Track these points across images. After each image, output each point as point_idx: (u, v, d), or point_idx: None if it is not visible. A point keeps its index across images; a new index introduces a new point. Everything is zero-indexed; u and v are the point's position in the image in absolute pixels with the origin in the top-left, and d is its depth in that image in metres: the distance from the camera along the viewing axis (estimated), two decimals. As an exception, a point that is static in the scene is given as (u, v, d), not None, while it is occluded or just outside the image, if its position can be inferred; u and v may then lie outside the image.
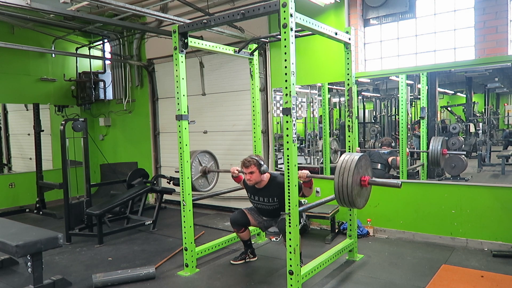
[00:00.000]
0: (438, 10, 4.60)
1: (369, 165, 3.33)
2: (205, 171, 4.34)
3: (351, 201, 3.11)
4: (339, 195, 3.12)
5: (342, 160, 3.17)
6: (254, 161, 3.63)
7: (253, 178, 3.66)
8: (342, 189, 3.09)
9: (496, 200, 4.16)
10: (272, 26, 5.52)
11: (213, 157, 4.49)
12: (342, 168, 3.11)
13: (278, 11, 2.87)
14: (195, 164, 4.21)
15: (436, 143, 4.49)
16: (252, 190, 3.85)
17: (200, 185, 4.35)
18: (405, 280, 3.53)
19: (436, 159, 4.49)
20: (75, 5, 4.20)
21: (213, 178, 4.52)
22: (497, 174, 4.44)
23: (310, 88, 5.44)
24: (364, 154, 3.27)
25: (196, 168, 4.26)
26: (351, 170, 3.06)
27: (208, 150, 4.46)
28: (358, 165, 3.11)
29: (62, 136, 4.94)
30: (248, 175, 3.66)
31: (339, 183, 3.10)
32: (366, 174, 3.24)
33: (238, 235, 4.06)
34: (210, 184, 4.49)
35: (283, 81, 2.91)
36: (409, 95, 4.79)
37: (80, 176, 5.34)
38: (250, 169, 3.64)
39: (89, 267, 4.04)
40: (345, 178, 3.07)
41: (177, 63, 3.62)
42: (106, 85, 7.76)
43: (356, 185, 3.10)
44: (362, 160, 3.18)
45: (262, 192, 3.77)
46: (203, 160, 4.35)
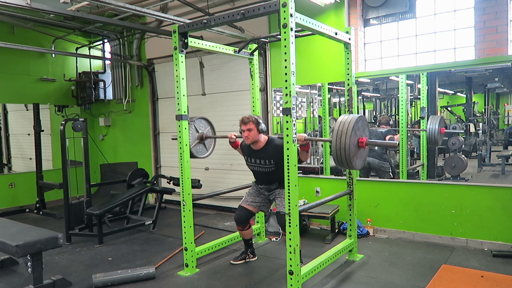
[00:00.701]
0: (438, 10, 4.60)
1: (366, 126, 3.33)
2: (202, 137, 4.28)
3: (348, 162, 3.13)
4: (337, 156, 3.13)
5: (340, 121, 3.17)
6: (253, 118, 3.58)
7: (250, 135, 3.58)
8: (340, 151, 3.09)
9: (496, 200, 4.16)
10: (272, 26, 5.52)
11: (209, 123, 4.43)
12: (340, 130, 3.11)
13: (278, 11, 2.87)
14: (191, 131, 4.16)
15: (434, 121, 4.48)
16: (249, 152, 3.76)
17: (198, 152, 4.29)
18: (405, 280, 3.53)
19: (434, 137, 4.47)
20: (75, 5, 4.20)
21: (211, 144, 4.46)
22: (497, 174, 4.44)
23: (310, 88, 5.44)
24: (361, 116, 3.27)
25: (193, 135, 4.21)
26: (348, 132, 3.07)
27: (204, 117, 4.41)
28: (355, 127, 3.12)
29: (62, 136, 4.94)
30: (246, 132, 3.57)
31: (336, 144, 3.10)
32: (364, 135, 3.25)
33: (242, 233, 4.03)
34: (208, 150, 4.42)
35: (283, 81, 2.91)
36: (409, 95, 4.80)
37: (80, 176, 5.34)
38: (248, 125, 3.56)
39: (89, 267, 4.04)
40: (342, 139, 3.08)
41: (177, 63, 3.62)
42: (106, 85, 7.76)
43: (353, 147, 3.11)
44: (359, 122, 3.19)
45: (258, 154, 3.69)
46: (199, 126, 4.29)
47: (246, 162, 3.88)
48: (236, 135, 3.95)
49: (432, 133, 4.48)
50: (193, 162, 4.46)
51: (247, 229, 3.99)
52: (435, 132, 4.45)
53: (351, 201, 4.01)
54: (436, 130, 4.44)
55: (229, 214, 6.13)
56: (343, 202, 4.30)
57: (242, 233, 4.03)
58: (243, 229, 3.98)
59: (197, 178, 5.48)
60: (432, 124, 4.48)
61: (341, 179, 4.99)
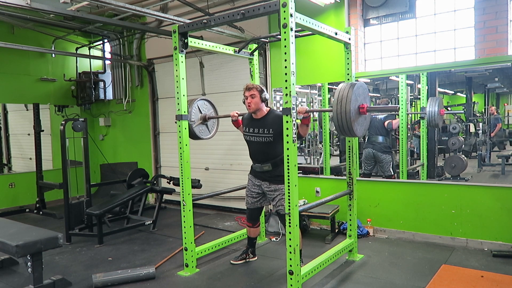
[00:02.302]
0: (438, 10, 4.60)
1: (367, 94, 3.33)
2: (205, 118, 4.28)
3: (350, 128, 3.13)
4: (338, 123, 3.13)
5: (340, 88, 3.16)
6: (257, 85, 3.60)
7: (253, 102, 3.56)
8: (340, 117, 3.09)
9: (496, 200, 4.16)
10: (272, 26, 5.52)
11: (212, 105, 4.44)
12: (340, 96, 3.10)
13: (278, 11, 2.87)
14: (194, 111, 4.16)
15: (434, 103, 4.46)
16: (249, 122, 3.72)
17: (201, 132, 4.29)
18: (405, 280, 3.53)
19: (434, 119, 4.46)
20: (75, 5, 4.20)
21: (213, 126, 4.47)
22: (497, 174, 4.45)
23: (310, 88, 5.44)
24: (361, 82, 3.27)
25: (196, 115, 4.20)
26: (349, 97, 3.06)
27: (207, 98, 4.42)
28: (356, 92, 3.11)
29: (62, 136, 4.94)
30: (249, 98, 3.57)
31: (337, 110, 3.09)
32: (364, 102, 3.24)
33: (249, 231, 4.03)
34: (211, 132, 4.43)
35: (283, 81, 2.91)
36: (409, 95, 4.80)
37: (80, 176, 5.34)
38: (251, 91, 3.56)
39: (89, 267, 4.04)
40: (343, 105, 3.07)
41: (177, 63, 3.62)
42: (106, 85, 7.75)
43: (354, 112, 3.11)
44: (359, 88, 3.18)
45: (258, 122, 3.65)
46: (202, 108, 4.30)
47: (244, 135, 3.80)
48: (238, 113, 3.96)
49: (431, 115, 4.46)
50: (193, 162, 4.48)
51: (257, 226, 4.02)
52: (434, 114, 4.44)
53: (351, 201, 4.01)
54: (436, 112, 4.43)
55: (229, 214, 6.13)
56: (343, 202, 4.30)
57: (250, 230, 4.04)
58: (253, 225, 3.99)
59: (197, 178, 5.48)
60: (431, 106, 4.47)
61: (341, 179, 4.99)
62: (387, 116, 4.93)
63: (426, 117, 4.53)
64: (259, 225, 4.05)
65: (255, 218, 3.98)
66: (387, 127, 4.91)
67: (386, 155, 4.95)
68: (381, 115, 4.98)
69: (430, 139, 4.70)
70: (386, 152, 4.95)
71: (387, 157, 4.94)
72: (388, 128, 4.92)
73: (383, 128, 4.95)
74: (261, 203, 3.90)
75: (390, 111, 4.09)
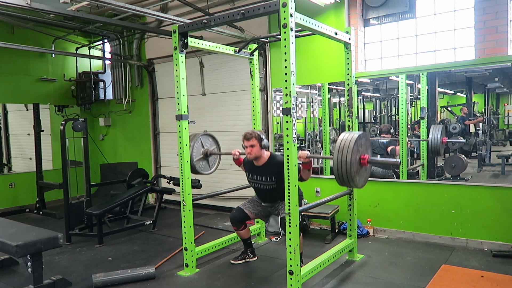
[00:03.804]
0: (438, 10, 4.60)
1: (369, 144, 3.30)
2: (207, 154, 4.29)
3: (350, 180, 3.08)
4: (338, 173, 3.08)
5: (342, 138, 3.13)
6: (256, 134, 3.61)
7: (253, 151, 3.61)
8: (341, 167, 3.05)
9: (496, 200, 4.16)
10: (272, 26, 5.52)
11: (216, 141, 4.44)
12: (342, 146, 3.07)
13: (278, 11, 2.87)
14: (197, 145, 4.15)
15: (436, 131, 4.47)
16: (251, 168, 3.79)
17: (201, 167, 4.28)
18: (405, 280, 3.53)
19: (436, 147, 4.47)
20: (75, 5, 4.20)
21: (214, 162, 4.46)
22: (497, 174, 4.44)
23: (310, 88, 5.44)
24: (364, 133, 3.24)
25: (198, 150, 4.20)
26: (350, 148, 3.03)
27: (211, 134, 4.42)
28: (357, 143, 3.08)
29: (62, 136, 4.94)
30: (249, 148, 3.60)
31: (338, 161, 3.06)
32: (366, 153, 3.22)
33: (238, 234, 4.06)
34: (211, 168, 4.42)
35: (283, 81, 2.91)
36: (409, 95, 4.79)
37: (80, 176, 5.34)
38: (251, 141, 3.59)
39: (89, 267, 4.04)
40: (344, 156, 3.03)
41: (177, 63, 3.62)
42: (106, 85, 7.76)
43: (355, 164, 3.08)
44: (362, 139, 3.15)
45: (260, 170, 3.71)
46: (205, 143, 4.30)
47: (247, 179, 3.91)
48: (240, 152, 3.96)
49: (434, 143, 4.48)
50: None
51: (242, 229, 4.01)
52: (437, 142, 4.46)
53: (351, 201, 4.01)
54: (438, 140, 4.45)
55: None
56: (343, 202, 4.30)
57: (238, 233, 4.06)
58: (237, 229, 4.00)
59: (197, 178, 5.48)
60: (433, 134, 4.48)
61: (341, 179, 4.99)
62: (390, 141, 4.93)
63: (428, 143, 4.54)
64: (244, 227, 4.02)
65: (238, 221, 3.96)
66: (390, 152, 4.90)
67: (388, 171, 4.94)
68: (383, 139, 4.99)
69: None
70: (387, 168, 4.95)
71: (389, 173, 4.93)
72: (391, 154, 4.90)
73: (384, 150, 4.96)
74: (254, 214, 3.95)
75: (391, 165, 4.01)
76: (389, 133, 5.01)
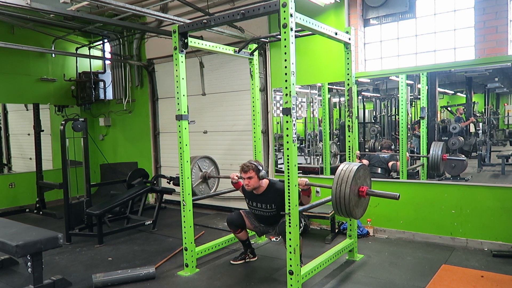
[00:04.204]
0: (438, 10, 4.60)
1: (367, 175, 3.31)
2: (206, 177, 4.35)
3: (348, 212, 3.11)
4: (337, 206, 3.12)
5: (340, 170, 3.15)
6: (253, 166, 3.64)
7: (251, 183, 3.67)
8: (339, 200, 3.08)
9: (496, 200, 4.16)
10: (272, 26, 5.52)
11: (213, 162, 4.49)
12: (340, 179, 3.09)
13: (278, 11, 2.87)
14: (195, 170, 4.20)
15: (437, 148, 4.50)
16: (250, 196, 3.85)
17: (201, 191, 4.36)
18: (405, 280, 3.53)
19: (436, 164, 4.51)
20: (75, 5, 4.20)
21: (214, 183, 4.53)
22: (497, 174, 4.44)
23: (310, 88, 5.44)
24: (363, 164, 3.25)
25: (196, 175, 4.26)
26: (349, 181, 3.05)
27: (208, 156, 4.47)
28: (356, 176, 3.10)
29: (62, 136, 4.94)
30: (247, 180, 3.66)
31: (336, 194, 3.09)
32: (365, 184, 3.23)
33: (236, 236, 4.07)
34: (211, 189, 4.50)
35: (283, 81, 2.91)
36: (409, 95, 4.79)
37: (80, 176, 5.34)
38: (248, 174, 3.65)
39: (89, 267, 4.04)
40: (342, 188, 3.06)
41: (177, 63, 3.62)
42: (106, 85, 7.76)
43: (354, 196, 3.09)
44: (360, 171, 3.17)
45: (260, 198, 3.78)
46: (203, 166, 4.34)
47: (247, 205, 3.95)
48: (238, 176, 3.95)
49: (434, 159, 4.51)
50: (193, 162, 4.45)
51: (239, 233, 4.02)
52: (437, 158, 4.47)
53: (351, 201, 4.00)
54: (439, 157, 4.47)
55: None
56: (343, 202, 4.29)
57: (236, 235, 4.08)
58: (234, 232, 4.02)
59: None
60: (434, 151, 4.50)
61: (341, 179, 4.99)
62: (392, 156, 4.94)
63: (428, 160, 4.57)
64: (241, 231, 4.02)
65: (234, 225, 3.97)
66: (392, 168, 4.92)
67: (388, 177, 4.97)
68: (384, 154, 5.00)
69: (430, 139, 4.70)
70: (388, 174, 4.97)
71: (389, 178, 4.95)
72: (392, 169, 4.93)
73: (385, 165, 4.98)
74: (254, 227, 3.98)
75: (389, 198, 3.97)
76: (390, 149, 5.02)
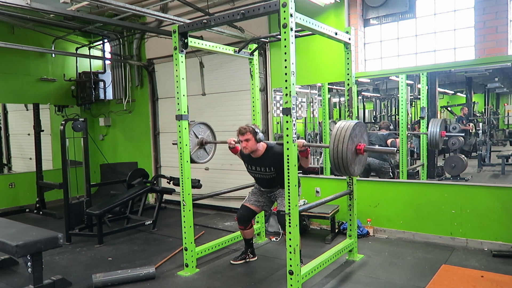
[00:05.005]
0: (438, 10, 4.60)
1: (364, 132, 3.30)
2: (202, 143, 4.28)
3: (346, 169, 3.10)
4: (335, 163, 3.10)
5: (337, 128, 3.14)
6: (250, 128, 3.60)
7: (248, 146, 3.61)
8: (337, 157, 3.06)
9: (496, 200, 4.16)
10: (272, 26, 5.52)
11: (209, 127, 4.43)
12: (337, 136, 3.07)
13: (278, 11, 2.87)
14: (191, 137, 4.16)
15: (435, 125, 4.48)
16: (249, 160, 3.80)
17: (199, 157, 4.29)
18: (405, 280, 3.53)
19: (435, 141, 4.48)
20: (75, 5, 4.20)
21: (211, 148, 4.47)
22: (497, 174, 4.44)
23: (310, 88, 5.44)
24: (359, 122, 3.25)
25: (193, 141, 4.20)
26: (345, 139, 3.03)
27: (203, 122, 4.41)
28: (352, 134, 3.08)
29: (62, 136, 4.94)
30: (244, 142, 3.61)
31: (334, 152, 3.07)
32: (362, 142, 3.21)
33: (243, 233, 4.04)
34: (209, 155, 4.43)
35: (283, 81, 2.91)
36: (409, 95, 4.79)
37: (80, 176, 5.34)
38: (245, 136, 3.59)
39: (89, 267, 4.04)
40: (340, 146, 3.04)
41: (177, 63, 3.62)
42: (106, 85, 7.76)
43: (351, 153, 3.09)
44: (356, 128, 3.15)
45: (258, 162, 3.72)
46: (198, 132, 4.29)
47: (247, 169, 3.92)
48: (235, 141, 3.95)
49: (433, 136, 4.48)
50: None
51: (249, 228, 4.01)
52: (436, 135, 4.46)
53: (351, 201, 4.01)
54: (437, 133, 4.45)
55: (229, 214, 6.13)
56: (343, 202, 4.30)
57: (243, 233, 4.04)
58: (245, 228, 3.99)
59: (197, 178, 5.48)
60: (433, 127, 4.48)
61: (341, 179, 4.99)
62: (390, 134, 4.93)
63: (427, 137, 4.55)
64: (251, 226, 4.04)
65: (246, 219, 3.96)
66: (391, 145, 4.90)
67: (385, 162, 4.94)
68: (383, 132, 4.99)
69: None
70: (384, 160, 4.95)
71: (385, 165, 4.93)
72: (391, 146, 4.91)
73: (384, 142, 4.96)
74: (259, 207, 3.94)
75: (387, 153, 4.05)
76: (388, 130, 5.01)
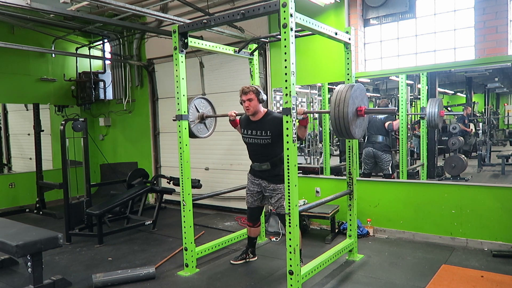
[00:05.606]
0: (438, 10, 4.60)
1: (364, 96, 3.29)
2: (203, 117, 4.26)
3: (347, 131, 3.09)
4: (336, 125, 3.09)
5: (337, 91, 3.12)
6: (253, 88, 3.55)
7: (251, 105, 3.55)
8: (338, 120, 3.05)
9: (496, 200, 4.16)
10: (272, 26, 5.52)
11: (209, 103, 4.42)
12: (338, 99, 3.05)
13: (278, 11, 2.87)
14: (192, 110, 4.14)
15: (434, 104, 4.47)
16: (247, 123, 3.72)
17: (199, 131, 4.28)
18: (405, 280, 3.53)
19: (433, 120, 4.47)
20: (75, 5, 4.20)
21: (211, 124, 4.45)
22: (497, 174, 4.44)
23: (310, 88, 5.44)
24: (359, 84, 3.24)
25: (194, 114, 4.19)
26: (346, 100, 3.02)
27: (204, 96, 4.41)
28: (353, 95, 3.08)
29: (62, 136, 4.94)
30: (247, 102, 3.55)
31: (335, 114, 3.06)
32: (362, 104, 3.21)
33: (250, 230, 4.03)
34: (209, 130, 4.42)
35: (283, 81, 2.91)
36: (409, 95, 4.80)
37: (80, 176, 5.34)
38: (248, 95, 3.53)
39: (89, 267, 4.04)
40: (340, 108, 3.03)
41: (177, 63, 3.62)
42: (106, 85, 7.76)
43: (352, 115, 3.08)
44: (356, 90, 3.14)
45: (256, 124, 3.64)
46: (200, 106, 4.28)
47: (242, 137, 3.82)
48: (236, 113, 3.94)
49: (431, 116, 4.47)
50: (193, 162, 4.47)
51: (257, 226, 4.02)
52: (434, 115, 4.44)
53: (351, 201, 4.01)
54: (436, 113, 4.44)
55: (229, 214, 6.13)
56: (343, 202, 4.30)
57: (250, 230, 4.04)
58: (253, 225, 3.99)
59: (197, 178, 5.48)
60: (431, 107, 4.47)
61: (341, 179, 4.99)
62: (388, 117, 4.93)
63: (426, 117, 4.53)
64: (259, 224, 4.06)
65: (255, 217, 3.98)
66: (388, 128, 4.92)
67: (386, 154, 4.95)
68: (381, 116, 4.99)
69: (430, 139, 4.70)
70: (386, 151, 4.95)
71: (387, 156, 4.94)
72: (388, 129, 4.93)
73: (383, 128, 4.95)
74: (261, 202, 3.90)
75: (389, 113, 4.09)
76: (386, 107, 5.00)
